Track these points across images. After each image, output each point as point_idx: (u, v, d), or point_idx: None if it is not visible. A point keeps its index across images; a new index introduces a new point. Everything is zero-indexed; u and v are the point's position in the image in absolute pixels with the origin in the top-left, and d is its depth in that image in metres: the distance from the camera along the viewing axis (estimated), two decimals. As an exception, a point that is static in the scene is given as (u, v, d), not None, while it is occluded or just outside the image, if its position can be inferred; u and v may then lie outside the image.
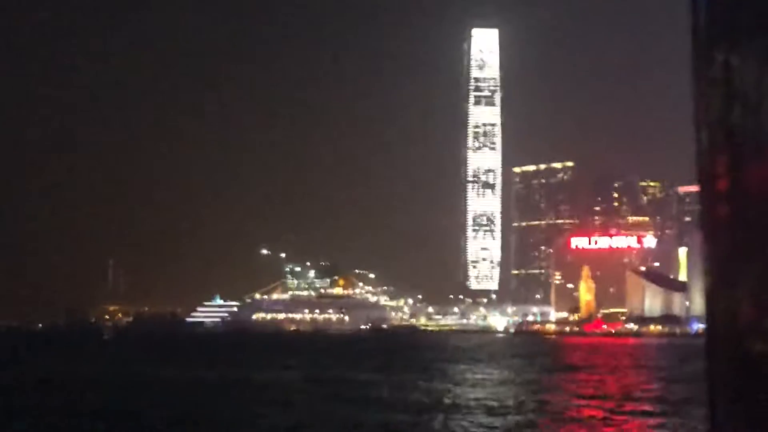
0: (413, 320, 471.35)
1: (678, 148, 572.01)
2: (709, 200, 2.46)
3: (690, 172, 2.50)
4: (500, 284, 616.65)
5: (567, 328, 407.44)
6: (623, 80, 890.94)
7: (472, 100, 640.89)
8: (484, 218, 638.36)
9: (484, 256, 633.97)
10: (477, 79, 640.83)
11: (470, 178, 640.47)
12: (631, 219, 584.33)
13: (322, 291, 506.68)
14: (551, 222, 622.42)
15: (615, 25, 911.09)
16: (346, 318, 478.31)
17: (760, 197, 2.33)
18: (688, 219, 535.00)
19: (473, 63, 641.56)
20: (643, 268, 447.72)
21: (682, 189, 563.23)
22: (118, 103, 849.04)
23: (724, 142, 2.41)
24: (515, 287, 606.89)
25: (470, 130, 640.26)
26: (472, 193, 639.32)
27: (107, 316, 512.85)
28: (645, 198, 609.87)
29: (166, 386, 76.48)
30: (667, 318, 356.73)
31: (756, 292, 2.32)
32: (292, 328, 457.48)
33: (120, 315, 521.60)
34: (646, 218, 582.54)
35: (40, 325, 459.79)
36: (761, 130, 2.33)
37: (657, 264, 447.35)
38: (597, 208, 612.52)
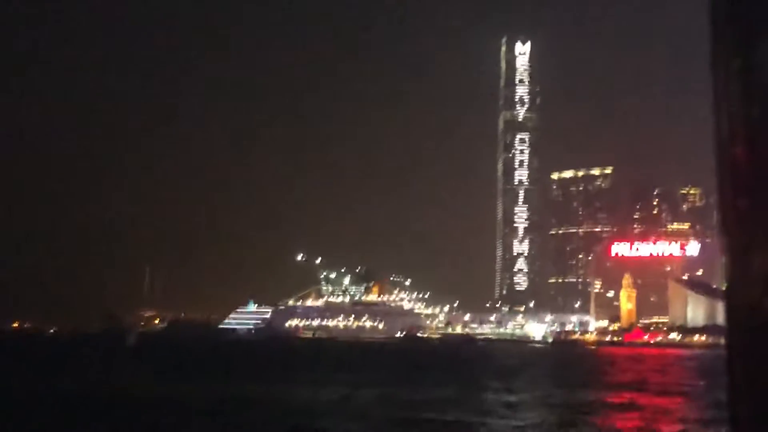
0: (467, 329, 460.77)
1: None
2: (729, 194, 2.52)
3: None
4: (538, 292, 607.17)
5: (607, 338, 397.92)
6: (663, 86, 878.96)
7: (510, 106, 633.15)
8: (522, 225, 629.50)
9: (521, 264, 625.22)
10: (515, 85, 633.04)
11: (508, 185, 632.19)
12: (671, 227, 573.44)
13: (357, 298, 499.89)
14: (589, 229, 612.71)
15: (656, 30, 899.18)
16: (381, 325, 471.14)
17: None
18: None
19: (511, 69, 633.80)
20: (685, 277, 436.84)
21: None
22: (153, 109, 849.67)
23: (743, 136, 2.44)
24: (553, 295, 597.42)
25: (508, 137, 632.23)
26: (509, 199, 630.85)
27: (143, 322, 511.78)
28: (685, 205, 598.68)
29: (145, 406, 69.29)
30: (711, 328, 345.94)
31: None
32: (309, 335, 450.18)
33: (156, 321, 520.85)
34: (687, 226, 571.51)
35: (52, 330, 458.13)
36: None
37: (700, 272, 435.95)
38: (636, 216, 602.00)
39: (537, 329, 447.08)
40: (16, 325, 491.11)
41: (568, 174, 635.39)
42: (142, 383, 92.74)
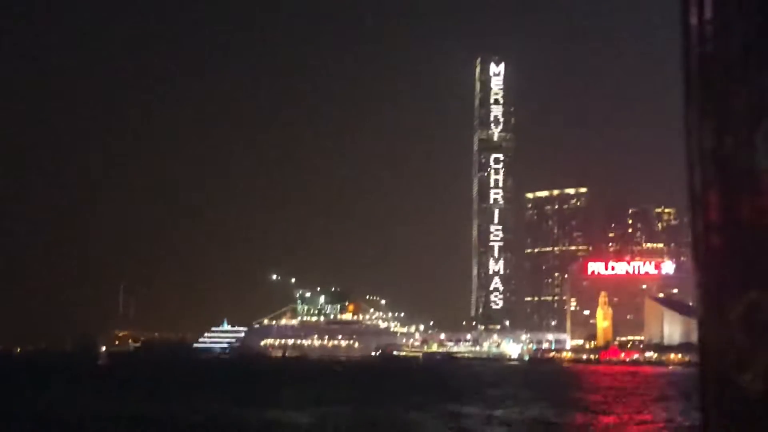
0: (443, 348, 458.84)
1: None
2: (702, 230, 2.46)
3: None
4: (513, 311, 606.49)
5: (584, 356, 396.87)
6: (638, 105, 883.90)
7: (485, 126, 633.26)
8: (497, 244, 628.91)
9: (496, 283, 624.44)
10: (490, 105, 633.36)
11: (483, 205, 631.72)
12: (646, 246, 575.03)
13: (332, 317, 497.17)
14: (564, 248, 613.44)
15: (629, 50, 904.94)
16: (356, 344, 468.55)
17: (753, 228, 2.34)
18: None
19: (486, 89, 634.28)
20: (661, 295, 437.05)
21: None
22: (121, 124, 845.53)
23: (717, 173, 2.41)
24: (528, 314, 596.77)
25: (482, 157, 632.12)
26: (484, 219, 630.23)
27: (117, 342, 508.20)
28: (660, 224, 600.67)
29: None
30: (687, 346, 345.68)
31: (748, 324, 2.33)
32: (279, 354, 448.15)
33: (130, 341, 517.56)
34: (662, 245, 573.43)
35: (19, 349, 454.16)
36: (753, 161, 2.33)
37: (676, 291, 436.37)
38: (611, 235, 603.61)
39: (513, 348, 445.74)
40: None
41: (542, 194, 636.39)
42: (109, 403, 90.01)
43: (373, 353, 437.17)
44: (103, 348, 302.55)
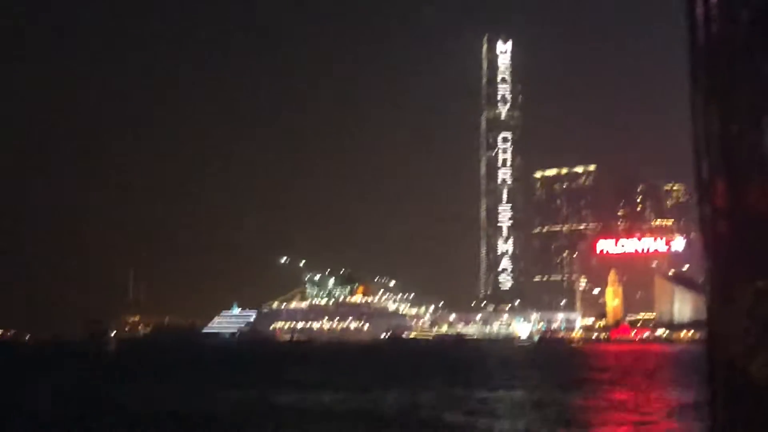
0: (452, 329, 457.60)
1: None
2: (709, 217, 2.46)
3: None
4: (523, 291, 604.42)
5: (594, 335, 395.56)
6: (646, 82, 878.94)
7: (492, 105, 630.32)
8: (506, 224, 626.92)
9: (505, 263, 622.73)
10: (497, 84, 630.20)
11: (491, 184, 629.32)
12: (656, 223, 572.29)
13: (342, 299, 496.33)
14: (573, 227, 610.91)
15: (638, 26, 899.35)
16: (366, 326, 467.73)
17: (760, 214, 2.33)
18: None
19: (493, 67, 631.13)
20: (671, 272, 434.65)
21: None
22: (134, 113, 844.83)
23: (723, 159, 2.39)
24: (538, 294, 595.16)
25: (490, 136, 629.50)
26: (492, 198, 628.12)
27: (127, 328, 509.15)
28: (669, 201, 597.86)
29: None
30: (698, 323, 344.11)
31: (756, 312, 2.32)
32: (286, 338, 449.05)
33: (140, 326, 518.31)
34: (671, 222, 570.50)
35: (28, 336, 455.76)
36: (760, 146, 2.31)
37: (686, 268, 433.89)
38: (620, 212, 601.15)
39: (523, 328, 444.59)
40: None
41: (551, 172, 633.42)
42: (117, 390, 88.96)
43: (382, 335, 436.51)
44: (112, 334, 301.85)
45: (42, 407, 69.05)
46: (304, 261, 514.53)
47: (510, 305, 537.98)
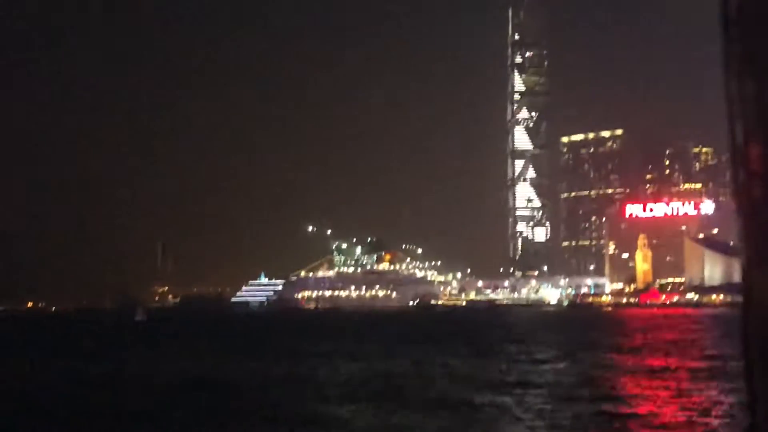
0: (481, 296, 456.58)
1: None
2: (744, 180, 2.44)
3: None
4: (551, 256, 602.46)
5: (623, 300, 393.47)
6: (673, 45, 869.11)
7: (518, 70, 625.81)
8: (533, 189, 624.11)
9: (533, 229, 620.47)
10: (522, 48, 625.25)
11: (517, 150, 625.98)
12: (684, 186, 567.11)
13: (369, 267, 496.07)
14: (601, 192, 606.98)
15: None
16: (393, 294, 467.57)
17: None
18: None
19: (518, 31, 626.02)
20: (701, 236, 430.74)
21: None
22: (160, 89, 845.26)
23: (758, 121, 2.38)
24: (566, 259, 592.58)
25: (516, 100, 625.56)
26: (519, 163, 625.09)
27: (156, 298, 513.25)
28: (697, 164, 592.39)
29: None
30: (728, 286, 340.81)
31: None
32: (310, 307, 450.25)
33: (169, 296, 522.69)
34: (699, 185, 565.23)
35: (54, 308, 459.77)
36: None
37: (716, 231, 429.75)
38: (648, 176, 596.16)
39: (552, 293, 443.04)
40: (30, 305, 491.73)
41: (578, 137, 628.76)
42: (151, 360, 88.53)
43: (410, 303, 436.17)
44: (139, 306, 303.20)
45: (63, 378, 68.65)
46: (330, 230, 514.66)
47: (538, 271, 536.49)
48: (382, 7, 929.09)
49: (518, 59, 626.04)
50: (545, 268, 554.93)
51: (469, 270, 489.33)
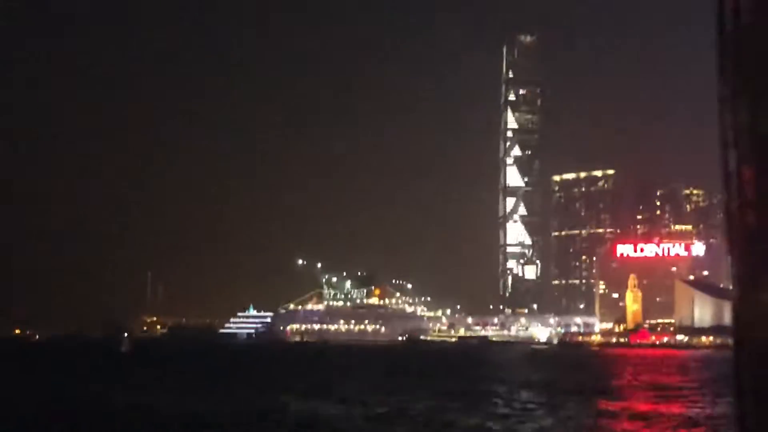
0: (470, 332, 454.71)
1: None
2: (736, 208, 2.45)
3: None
4: (541, 294, 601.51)
5: (613, 339, 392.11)
6: (666, 86, 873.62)
7: (511, 108, 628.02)
8: (524, 228, 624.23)
9: (523, 267, 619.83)
10: (515, 86, 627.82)
11: (509, 187, 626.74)
12: (675, 227, 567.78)
13: (358, 301, 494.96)
14: (592, 231, 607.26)
15: (656, 31, 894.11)
16: (382, 329, 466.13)
17: None
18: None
19: (512, 69, 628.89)
20: (691, 277, 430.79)
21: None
22: (151, 112, 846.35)
23: (752, 149, 2.39)
24: (556, 297, 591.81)
25: (509, 137, 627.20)
26: (510, 201, 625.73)
27: (145, 328, 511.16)
28: (688, 206, 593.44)
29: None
30: (718, 328, 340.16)
31: None
32: (296, 340, 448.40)
33: (158, 327, 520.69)
34: (690, 226, 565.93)
35: (37, 336, 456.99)
36: None
37: (706, 273, 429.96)
38: (639, 217, 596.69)
39: (541, 331, 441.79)
40: (17, 331, 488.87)
41: (569, 176, 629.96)
42: (130, 391, 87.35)
43: (399, 338, 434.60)
44: (126, 334, 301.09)
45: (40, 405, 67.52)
46: (320, 263, 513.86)
47: (528, 309, 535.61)
48: (381, 39, 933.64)
49: (512, 97, 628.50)
50: (535, 306, 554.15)
51: (458, 306, 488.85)
